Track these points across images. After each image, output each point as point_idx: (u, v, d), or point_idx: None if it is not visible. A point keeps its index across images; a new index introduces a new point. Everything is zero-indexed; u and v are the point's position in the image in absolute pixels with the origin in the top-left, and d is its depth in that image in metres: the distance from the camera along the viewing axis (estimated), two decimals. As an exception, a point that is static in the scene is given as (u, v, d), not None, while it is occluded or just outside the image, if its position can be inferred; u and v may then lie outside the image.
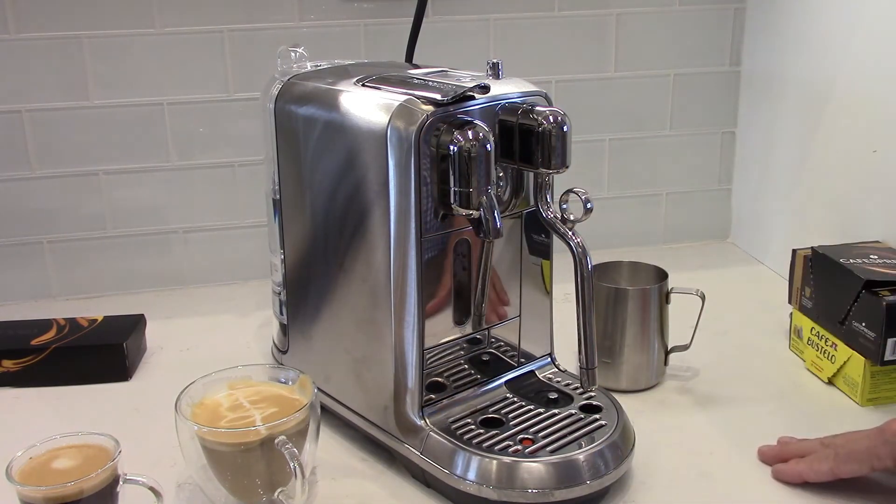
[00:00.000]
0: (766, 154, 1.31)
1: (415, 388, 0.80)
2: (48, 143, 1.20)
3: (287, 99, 0.89)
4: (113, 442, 0.72)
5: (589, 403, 0.84)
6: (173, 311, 1.21)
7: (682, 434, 0.89)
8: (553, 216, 0.81)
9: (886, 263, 0.95)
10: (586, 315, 0.78)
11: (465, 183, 0.74)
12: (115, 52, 1.18)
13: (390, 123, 0.75)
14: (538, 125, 0.76)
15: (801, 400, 0.95)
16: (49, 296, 1.26)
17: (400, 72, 0.88)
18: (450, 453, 0.77)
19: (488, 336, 0.87)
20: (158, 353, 1.09)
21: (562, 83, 1.32)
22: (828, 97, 1.15)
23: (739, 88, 1.37)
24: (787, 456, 0.81)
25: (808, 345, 1.01)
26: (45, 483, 0.68)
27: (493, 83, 0.79)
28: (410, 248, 0.77)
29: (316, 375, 0.83)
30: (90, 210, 1.24)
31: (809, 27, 1.19)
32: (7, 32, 1.15)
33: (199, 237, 1.28)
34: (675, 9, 1.32)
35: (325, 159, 0.84)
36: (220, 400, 0.79)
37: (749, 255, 1.38)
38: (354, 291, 0.83)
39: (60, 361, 1.00)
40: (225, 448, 0.73)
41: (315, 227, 0.88)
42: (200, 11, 1.19)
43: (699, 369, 1.01)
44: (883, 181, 1.06)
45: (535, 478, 0.74)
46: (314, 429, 0.77)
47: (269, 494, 0.75)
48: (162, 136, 1.23)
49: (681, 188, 1.41)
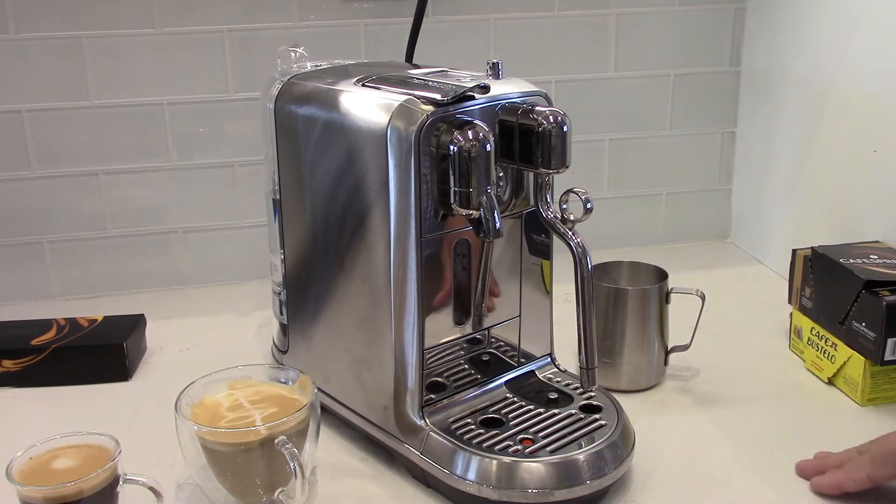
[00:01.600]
0: (766, 154, 1.31)
1: (415, 388, 0.80)
2: (48, 143, 1.20)
3: (287, 99, 0.89)
4: (113, 442, 0.72)
5: (589, 403, 0.84)
6: (173, 311, 1.21)
7: (682, 434, 0.89)
8: (553, 216, 0.81)
9: (886, 263, 0.95)
10: (586, 315, 0.78)
11: (465, 183, 0.74)
12: (115, 52, 1.18)
13: (390, 123, 0.75)
14: (538, 125, 0.76)
15: (801, 400, 0.95)
16: (49, 296, 1.26)
17: (400, 72, 0.88)
18: (450, 453, 0.77)
19: (488, 336, 0.86)
20: (158, 353, 1.09)
21: (562, 83, 1.32)
22: (828, 97, 1.15)
23: (739, 88, 1.37)
24: (824, 468, 0.79)
25: (808, 345, 1.01)
26: (45, 483, 0.68)
27: (493, 83, 0.79)
28: (410, 248, 0.77)
29: (316, 375, 0.83)
30: (90, 210, 1.24)
31: (809, 27, 1.19)
32: (7, 32, 1.15)
33: (199, 237, 1.28)
34: (675, 9, 1.32)
35: (325, 159, 0.84)
36: (220, 400, 0.79)
37: (749, 255, 1.38)
38: (354, 291, 0.83)
39: (60, 361, 1.00)
40: (225, 448, 0.73)
41: (315, 227, 0.88)
42: (200, 11, 1.19)
43: (699, 369, 1.01)
44: (883, 181, 1.06)
45: (535, 478, 0.74)
46: (314, 429, 0.77)
47: (269, 494, 0.75)
48: (162, 136, 1.23)
49: (681, 188, 1.41)
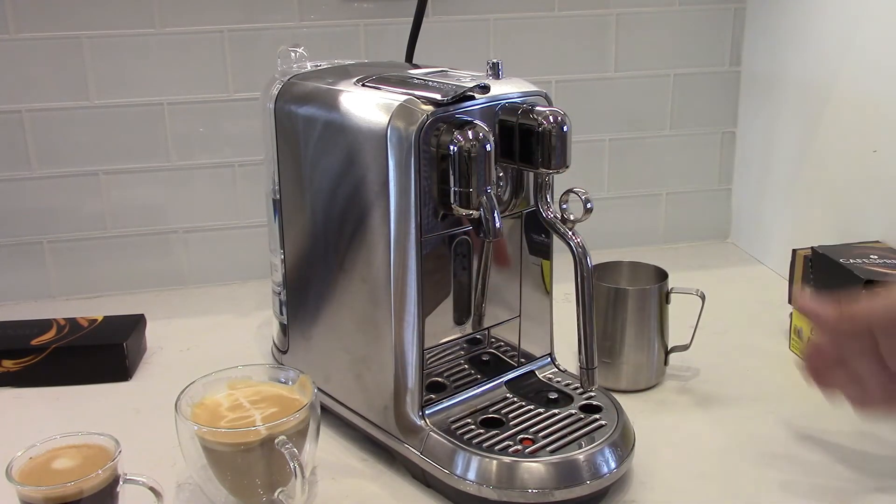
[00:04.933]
0: (766, 154, 1.31)
1: (415, 388, 0.80)
2: (48, 143, 1.20)
3: (287, 99, 0.89)
4: (113, 442, 0.72)
5: (589, 403, 0.84)
6: (173, 311, 1.21)
7: (682, 434, 0.89)
8: (553, 216, 0.81)
9: (886, 263, 0.95)
10: (586, 315, 0.78)
11: (465, 183, 0.74)
12: (115, 52, 1.18)
13: (390, 123, 0.75)
14: (538, 125, 0.76)
15: (801, 400, 0.95)
16: (49, 296, 1.26)
17: (400, 72, 0.88)
18: (450, 453, 0.77)
19: (488, 336, 0.86)
20: (158, 353, 1.09)
21: (562, 83, 1.32)
22: (828, 97, 1.15)
23: (739, 88, 1.36)
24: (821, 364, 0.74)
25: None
26: (45, 483, 0.68)
27: (493, 83, 0.79)
28: (410, 248, 0.77)
29: (316, 375, 0.83)
30: (90, 210, 1.24)
31: (809, 27, 1.19)
32: (7, 32, 1.15)
33: (199, 237, 1.28)
34: (675, 9, 1.32)
35: (325, 159, 0.84)
36: (220, 400, 0.79)
37: (749, 255, 1.38)
38: (354, 291, 0.83)
39: (60, 361, 1.00)
40: (225, 448, 0.73)
41: (315, 227, 0.88)
42: (200, 11, 1.19)
43: (699, 369, 1.01)
44: (883, 181, 1.06)
45: (535, 478, 0.74)
46: (314, 429, 0.77)
47: (269, 494, 0.75)
48: (162, 136, 1.23)
49: (681, 188, 1.41)
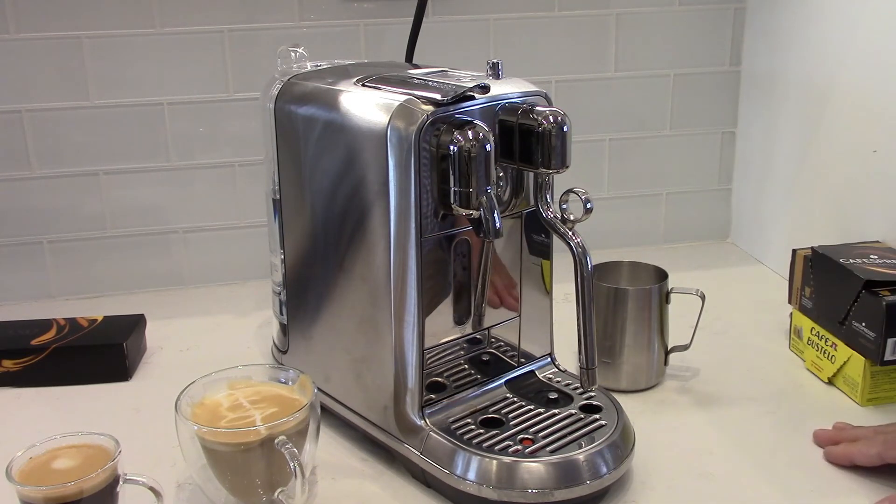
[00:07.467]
0: (766, 154, 1.31)
1: (415, 388, 0.80)
2: (48, 143, 1.20)
3: (287, 99, 0.89)
4: (113, 442, 0.72)
5: (589, 403, 0.84)
6: (173, 311, 1.21)
7: (682, 434, 0.89)
8: (553, 216, 0.81)
9: (886, 263, 0.95)
10: (586, 315, 0.78)
11: (465, 183, 0.74)
12: (115, 52, 1.18)
13: (390, 123, 0.75)
14: (538, 125, 0.76)
15: (801, 400, 0.95)
16: (49, 296, 1.26)
17: (400, 72, 0.88)
18: (450, 453, 0.77)
19: (488, 336, 0.86)
20: (158, 353, 1.09)
21: (562, 83, 1.32)
22: (828, 97, 1.15)
23: (739, 88, 1.36)
24: (840, 439, 0.84)
25: (808, 345, 1.01)
26: (45, 483, 0.68)
27: (493, 83, 0.79)
28: (410, 248, 0.77)
29: (316, 375, 0.83)
30: (90, 210, 1.24)
31: (809, 27, 1.19)
32: (7, 32, 1.15)
33: (199, 237, 1.28)
34: (675, 9, 1.32)
35: (325, 159, 0.84)
36: (220, 400, 0.79)
37: (749, 255, 1.38)
38: (354, 291, 0.83)
39: (60, 361, 1.00)
40: (225, 448, 0.73)
41: (315, 227, 0.88)
42: (200, 11, 1.19)
43: (699, 369, 1.01)
44: (883, 181, 1.06)
45: (535, 478, 0.74)
46: (314, 429, 0.77)
47: (269, 494, 0.75)
48: (162, 136, 1.23)
49: (681, 188, 1.41)
